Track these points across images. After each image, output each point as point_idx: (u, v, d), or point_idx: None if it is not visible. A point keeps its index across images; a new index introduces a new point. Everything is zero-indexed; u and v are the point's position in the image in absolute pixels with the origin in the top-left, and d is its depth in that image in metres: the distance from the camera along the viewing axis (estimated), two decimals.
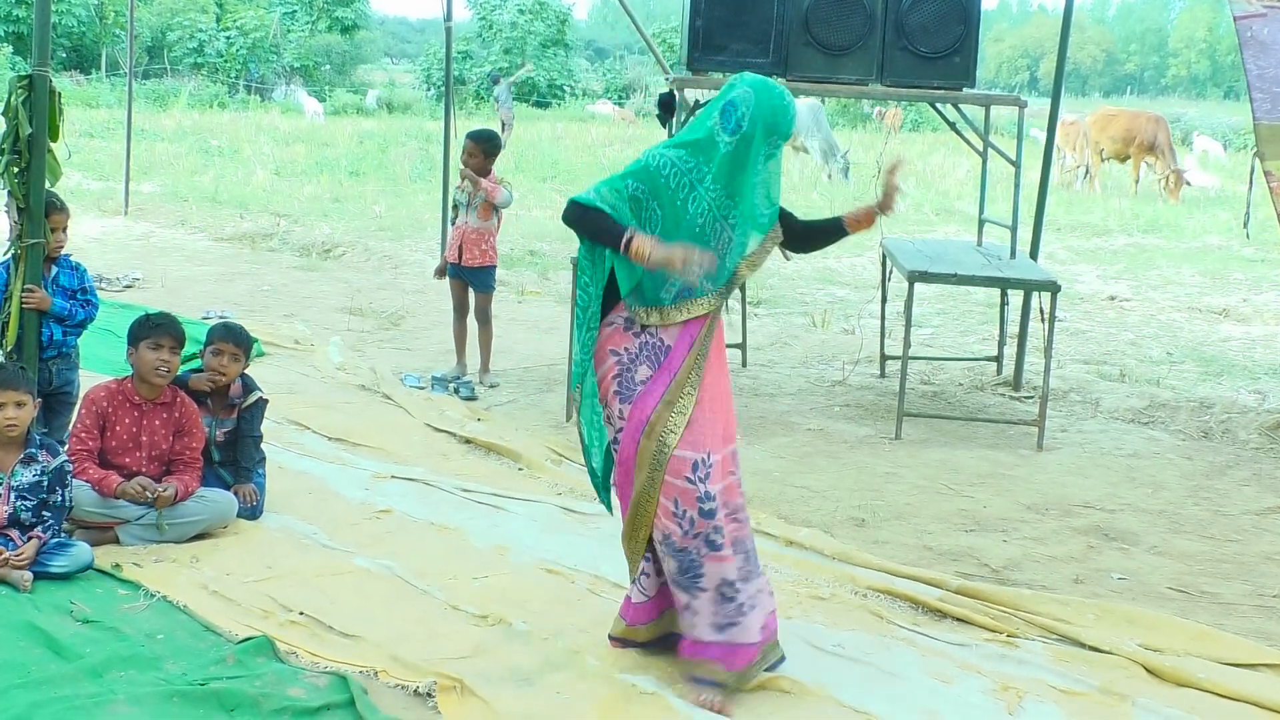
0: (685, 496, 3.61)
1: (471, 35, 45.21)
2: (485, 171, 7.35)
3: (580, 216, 3.60)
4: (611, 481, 3.84)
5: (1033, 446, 6.64)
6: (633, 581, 3.90)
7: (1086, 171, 22.49)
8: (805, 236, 3.92)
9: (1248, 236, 13.12)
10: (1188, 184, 20.74)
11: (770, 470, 6.02)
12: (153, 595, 4.21)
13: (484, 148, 7.36)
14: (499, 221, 7.49)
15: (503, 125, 25.49)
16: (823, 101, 20.82)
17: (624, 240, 3.50)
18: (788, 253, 4.10)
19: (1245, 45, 6.18)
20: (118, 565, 4.42)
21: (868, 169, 20.66)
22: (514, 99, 38.94)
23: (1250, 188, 9.11)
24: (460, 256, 7.37)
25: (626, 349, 3.69)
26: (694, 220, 3.61)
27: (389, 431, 6.39)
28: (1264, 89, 6.16)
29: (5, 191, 4.89)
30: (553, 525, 5.16)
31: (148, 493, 4.61)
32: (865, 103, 33.04)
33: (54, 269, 5.13)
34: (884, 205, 3.85)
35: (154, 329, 4.79)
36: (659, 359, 3.68)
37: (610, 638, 3.97)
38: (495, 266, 7.49)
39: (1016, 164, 7.26)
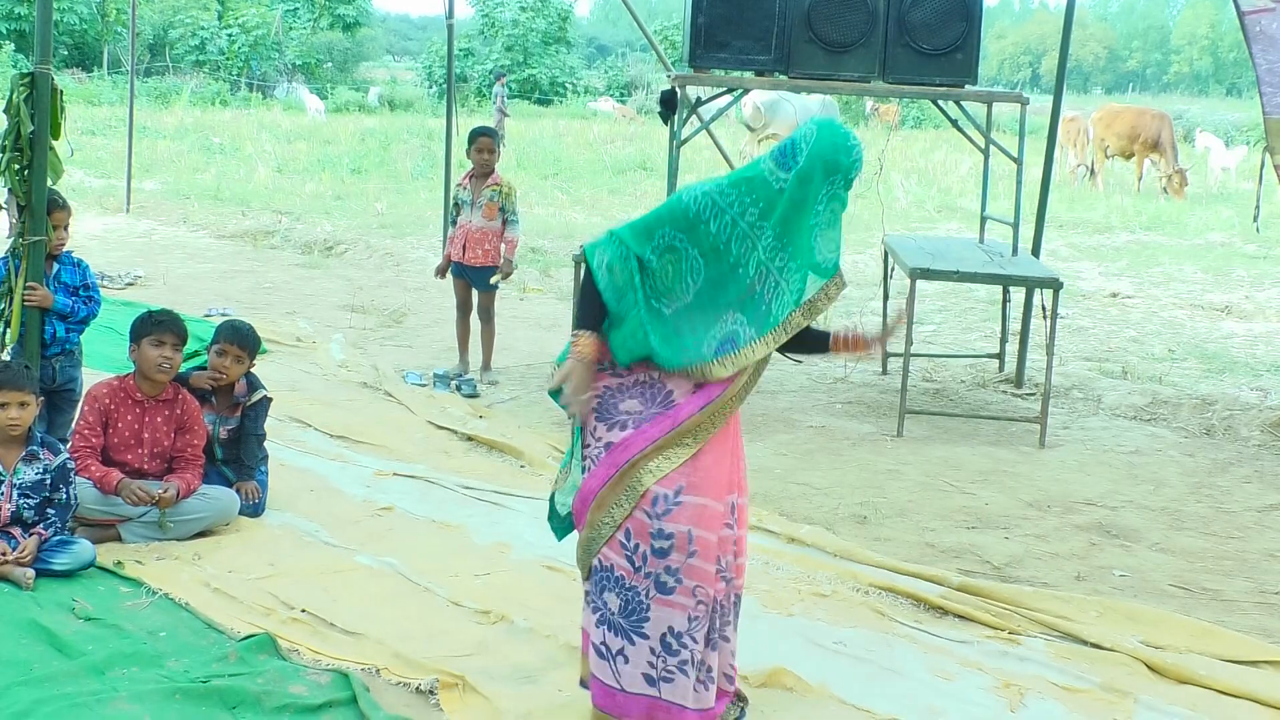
0: (639, 529, 3.28)
1: (473, 32, 45.17)
2: (492, 168, 7.36)
3: (583, 279, 3.42)
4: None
5: (1035, 443, 6.64)
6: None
7: (1090, 170, 22.50)
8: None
9: (1258, 231, 13.10)
10: (1186, 182, 20.78)
11: (772, 467, 6.02)
12: (155, 592, 4.21)
13: (496, 141, 7.43)
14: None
15: (498, 123, 25.54)
16: (824, 99, 20.77)
17: (576, 336, 3.32)
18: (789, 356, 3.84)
19: (1253, 40, 6.17)
20: (120, 563, 4.42)
21: (869, 167, 20.64)
22: (515, 96, 39.01)
23: (1260, 183, 9.11)
24: (464, 255, 7.38)
25: (612, 365, 3.37)
26: (735, 262, 3.31)
27: (391, 429, 6.39)
28: (1273, 83, 6.15)
29: (5, 189, 4.89)
30: None
31: (141, 493, 4.59)
32: (868, 100, 33.00)
33: (56, 266, 5.13)
34: (881, 339, 3.60)
35: (156, 326, 4.79)
36: (654, 399, 3.33)
37: None
38: (499, 265, 7.48)
39: (1019, 161, 7.26)
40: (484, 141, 7.38)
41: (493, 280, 7.39)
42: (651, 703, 3.31)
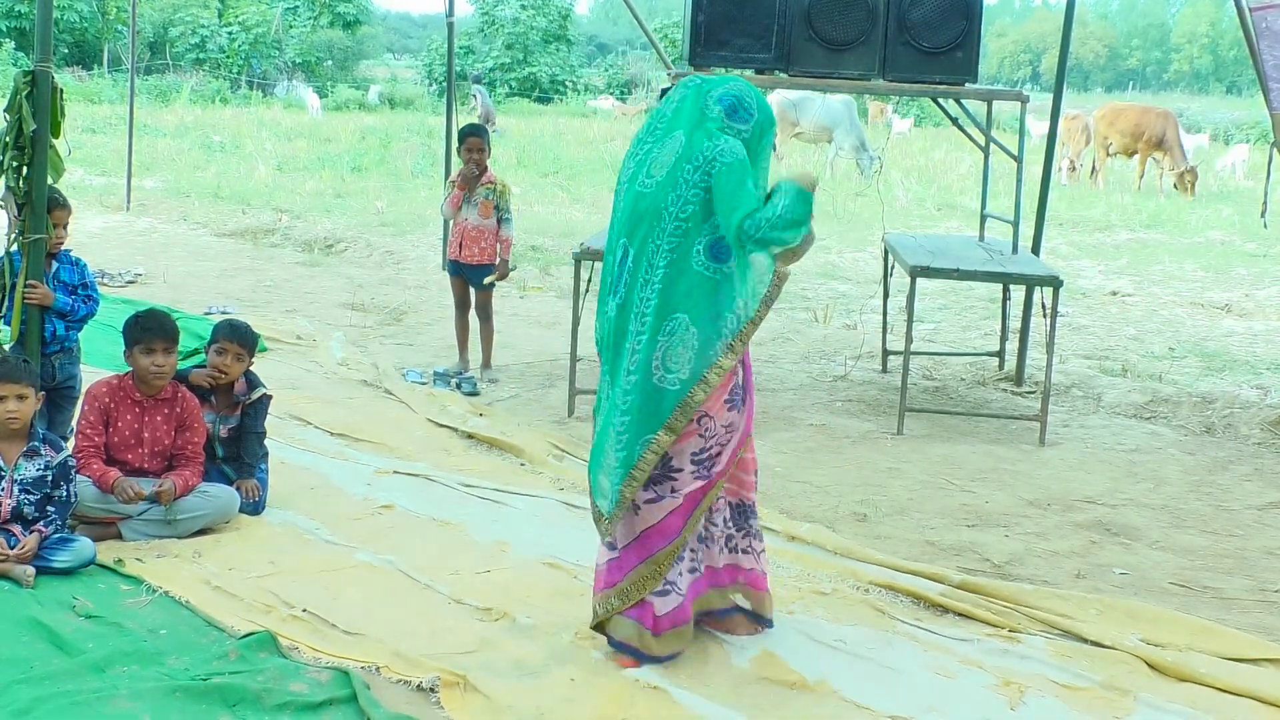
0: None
1: (474, 30, 45.19)
2: (485, 166, 7.35)
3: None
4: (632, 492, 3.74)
5: (1035, 441, 6.64)
6: (666, 591, 3.81)
7: (1073, 166, 22.56)
8: None
9: (1265, 227, 13.13)
10: (1194, 177, 20.80)
11: (772, 465, 6.02)
12: (155, 590, 4.21)
13: (486, 139, 7.40)
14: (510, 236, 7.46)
15: (487, 120, 25.47)
16: (845, 97, 20.70)
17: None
18: None
19: (1261, 36, 6.17)
20: (120, 560, 4.42)
21: (871, 165, 20.67)
22: (515, 94, 38.95)
23: (1268, 178, 9.13)
24: (460, 253, 7.37)
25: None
26: None
27: (391, 427, 6.39)
28: (1279, 80, 6.15)
29: (5, 186, 4.89)
30: (554, 520, 5.17)
31: (132, 491, 4.58)
32: (868, 99, 32.98)
33: (54, 265, 5.13)
34: None
35: (143, 333, 4.77)
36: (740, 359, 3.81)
37: (651, 657, 3.80)
38: (495, 264, 7.46)
39: (1019, 159, 7.26)
40: (473, 141, 7.34)
41: (486, 281, 7.37)
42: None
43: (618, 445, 3.69)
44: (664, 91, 7.28)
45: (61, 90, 4.92)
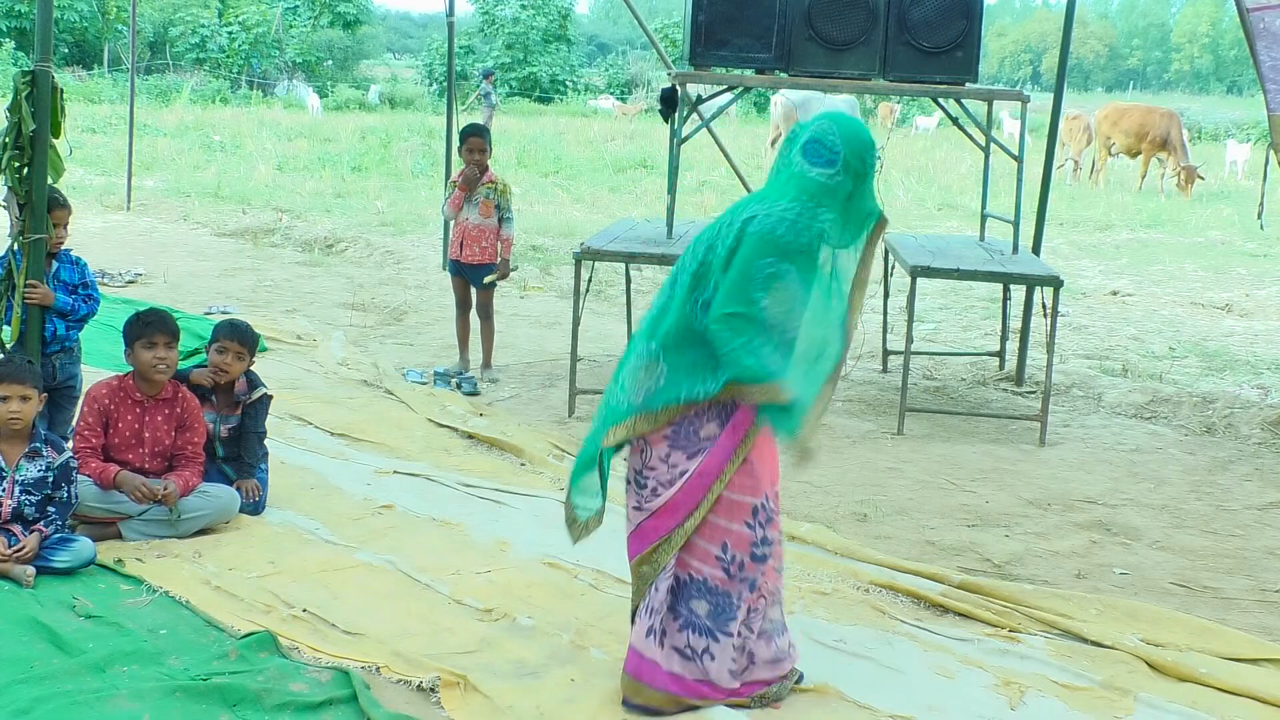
0: (739, 541, 3.50)
1: (474, 30, 45.20)
2: (485, 166, 7.35)
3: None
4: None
5: (1035, 441, 6.64)
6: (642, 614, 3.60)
7: (1077, 166, 22.55)
8: None
9: (1261, 228, 13.16)
10: (1201, 178, 20.77)
11: None
12: (155, 590, 4.21)
13: (487, 139, 7.40)
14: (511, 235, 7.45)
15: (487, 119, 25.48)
16: (848, 97, 20.73)
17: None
18: None
19: (1258, 36, 6.16)
20: (120, 560, 4.42)
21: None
22: (515, 94, 38.90)
23: (1265, 179, 9.17)
24: (461, 252, 7.37)
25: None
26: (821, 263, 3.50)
27: (391, 427, 6.39)
28: (1277, 81, 6.15)
29: (6, 187, 4.89)
30: (554, 520, 5.12)
31: (145, 490, 4.58)
32: (870, 98, 32.98)
33: (54, 264, 5.13)
34: None
35: (145, 327, 4.78)
36: (727, 416, 3.47)
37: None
38: (496, 263, 7.47)
39: (1019, 159, 7.26)
40: (474, 142, 7.33)
41: (487, 280, 7.37)
42: (732, 692, 3.57)
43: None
44: (664, 92, 7.32)
45: (61, 90, 4.92)
